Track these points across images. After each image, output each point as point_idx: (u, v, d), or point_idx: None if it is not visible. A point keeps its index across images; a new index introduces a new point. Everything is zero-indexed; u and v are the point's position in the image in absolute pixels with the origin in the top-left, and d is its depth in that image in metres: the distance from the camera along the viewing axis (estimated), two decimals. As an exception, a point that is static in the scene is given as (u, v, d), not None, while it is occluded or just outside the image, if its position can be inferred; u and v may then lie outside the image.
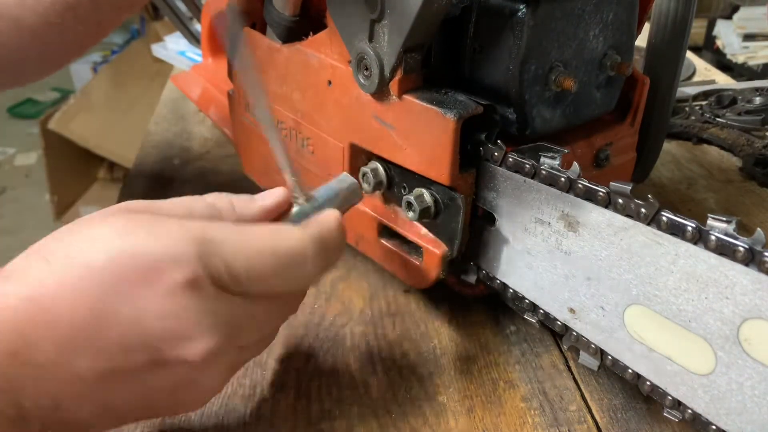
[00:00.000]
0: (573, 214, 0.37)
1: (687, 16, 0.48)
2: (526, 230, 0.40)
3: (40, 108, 3.08)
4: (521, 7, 0.40)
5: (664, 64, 0.50)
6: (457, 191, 0.42)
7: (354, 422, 0.41)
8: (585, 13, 0.42)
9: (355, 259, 0.55)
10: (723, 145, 0.75)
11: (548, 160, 0.38)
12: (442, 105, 0.39)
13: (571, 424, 0.40)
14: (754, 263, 0.29)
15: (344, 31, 0.43)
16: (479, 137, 0.41)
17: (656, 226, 0.33)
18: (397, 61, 0.40)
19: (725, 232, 0.30)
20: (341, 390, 0.43)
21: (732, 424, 0.32)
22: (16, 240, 2.43)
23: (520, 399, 0.42)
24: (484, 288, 0.48)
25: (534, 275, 0.41)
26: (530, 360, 0.45)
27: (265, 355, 0.46)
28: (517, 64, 0.41)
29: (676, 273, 0.32)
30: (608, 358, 0.38)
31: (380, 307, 0.51)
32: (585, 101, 0.46)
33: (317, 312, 0.50)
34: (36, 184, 2.72)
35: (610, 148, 0.48)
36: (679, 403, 0.34)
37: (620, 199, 0.34)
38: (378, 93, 0.42)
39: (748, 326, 0.30)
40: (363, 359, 0.46)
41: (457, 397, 0.42)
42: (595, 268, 0.36)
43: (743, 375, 0.31)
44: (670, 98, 0.52)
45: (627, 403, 0.42)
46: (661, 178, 0.69)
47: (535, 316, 0.42)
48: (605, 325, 0.37)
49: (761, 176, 0.68)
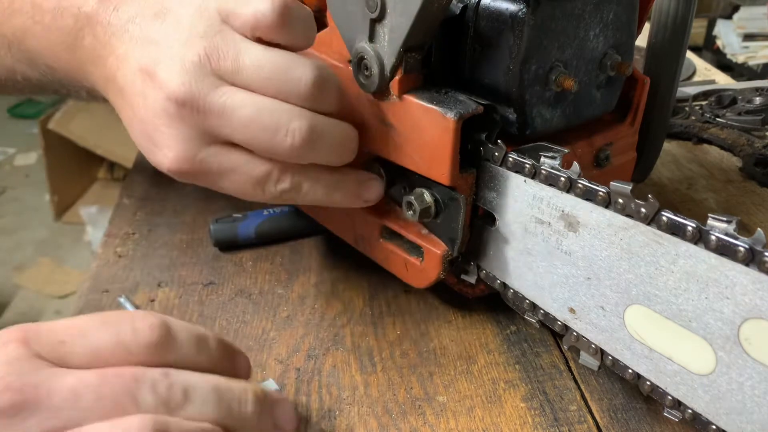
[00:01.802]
0: (573, 214, 0.37)
1: (687, 16, 0.48)
2: (526, 230, 0.40)
3: (40, 108, 3.08)
4: (521, 7, 0.40)
5: (664, 64, 0.50)
6: (457, 191, 0.42)
7: (354, 422, 0.41)
8: (585, 13, 0.42)
9: (355, 259, 0.55)
10: (723, 145, 0.75)
11: (548, 160, 0.38)
12: (443, 105, 0.39)
13: (571, 424, 0.40)
14: (755, 263, 0.29)
15: (344, 31, 0.43)
16: (479, 137, 0.41)
17: (656, 226, 0.33)
18: (398, 60, 0.40)
19: (725, 232, 0.30)
20: (341, 390, 0.43)
21: (732, 424, 0.32)
22: (16, 240, 2.43)
23: (520, 399, 0.42)
24: (484, 288, 0.48)
25: (534, 275, 0.41)
26: (530, 360, 0.45)
27: (265, 355, 0.46)
28: (518, 64, 0.41)
29: (676, 273, 0.32)
30: (608, 358, 0.38)
31: (380, 307, 0.51)
32: (585, 101, 0.46)
33: (317, 312, 0.50)
34: (36, 184, 2.72)
35: (611, 148, 0.48)
36: (679, 402, 0.34)
37: (620, 198, 0.34)
38: (378, 93, 0.42)
39: (748, 326, 0.30)
40: (363, 359, 0.46)
41: (457, 397, 0.42)
42: (595, 268, 0.36)
43: (743, 375, 0.31)
44: (670, 98, 0.52)
45: (627, 403, 0.42)
46: (661, 178, 0.69)
47: (535, 316, 0.42)
48: (605, 325, 0.37)
49: (761, 176, 0.68)
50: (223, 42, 0.38)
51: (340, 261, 0.56)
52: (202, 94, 0.38)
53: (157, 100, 0.38)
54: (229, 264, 0.56)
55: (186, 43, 0.38)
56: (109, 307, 0.51)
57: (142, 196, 0.67)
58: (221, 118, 0.38)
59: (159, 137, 0.39)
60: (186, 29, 0.38)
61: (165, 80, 0.38)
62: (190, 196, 0.66)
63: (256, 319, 0.50)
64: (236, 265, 0.56)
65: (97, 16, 0.41)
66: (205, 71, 0.38)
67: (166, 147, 0.39)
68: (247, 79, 0.38)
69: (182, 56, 0.38)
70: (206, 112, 0.38)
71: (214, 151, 0.39)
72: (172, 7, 0.40)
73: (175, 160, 0.39)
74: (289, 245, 0.58)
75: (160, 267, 0.56)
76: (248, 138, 0.39)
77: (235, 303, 0.51)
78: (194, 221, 0.62)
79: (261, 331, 0.48)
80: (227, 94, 0.38)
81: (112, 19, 0.41)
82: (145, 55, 0.39)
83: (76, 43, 0.43)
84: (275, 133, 0.38)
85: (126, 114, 0.41)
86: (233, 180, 0.40)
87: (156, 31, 0.39)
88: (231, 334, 0.48)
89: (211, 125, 0.38)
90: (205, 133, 0.39)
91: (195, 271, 0.55)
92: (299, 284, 0.54)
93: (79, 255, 2.32)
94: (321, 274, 0.55)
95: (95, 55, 0.42)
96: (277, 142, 0.38)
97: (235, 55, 0.38)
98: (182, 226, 0.62)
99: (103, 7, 0.41)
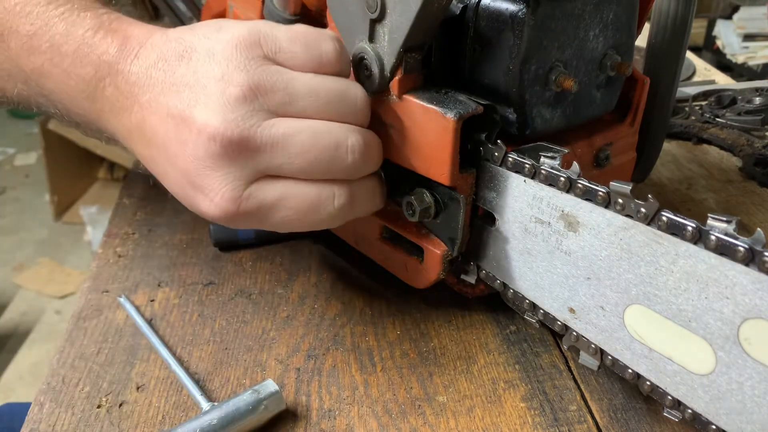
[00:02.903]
0: (573, 214, 0.37)
1: (687, 16, 0.48)
2: (526, 230, 0.40)
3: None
4: (521, 7, 0.40)
5: (664, 64, 0.51)
6: (457, 191, 0.42)
7: (354, 422, 0.41)
8: (585, 13, 0.42)
9: (355, 259, 0.55)
10: (723, 145, 0.75)
11: (548, 160, 0.38)
12: (443, 105, 0.39)
13: (571, 424, 0.40)
14: (754, 263, 0.29)
15: (344, 31, 0.43)
16: (479, 137, 0.41)
17: (656, 226, 0.33)
18: (398, 61, 0.40)
19: (725, 232, 0.30)
20: (341, 390, 0.43)
21: (732, 424, 0.32)
22: (16, 240, 2.43)
23: (520, 399, 0.42)
24: (484, 288, 0.48)
25: (534, 275, 0.41)
26: (530, 360, 0.45)
27: (265, 355, 0.46)
28: (518, 64, 0.41)
29: (676, 273, 0.32)
30: (608, 358, 0.38)
31: (380, 307, 0.51)
32: (585, 101, 0.46)
33: (317, 312, 0.50)
34: (36, 184, 2.72)
35: (610, 148, 0.48)
36: (679, 402, 0.34)
37: (620, 198, 0.34)
38: (378, 93, 0.42)
39: (748, 326, 0.30)
40: (363, 359, 0.46)
41: (457, 397, 0.42)
42: (595, 268, 0.36)
43: (743, 375, 0.31)
44: (670, 98, 0.52)
45: (627, 403, 0.42)
46: (661, 178, 0.69)
47: (535, 316, 0.42)
48: (605, 325, 0.37)
49: (761, 176, 0.68)
50: (268, 74, 0.37)
51: (340, 261, 0.56)
52: (252, 129, 0.36)
53: (199, 144, 0.36)
54: (229, 264, 0.56)
55: (223, 79, 0.37)
56: (109, 307, 0.51)
57: (142, 196, 0.67)
58: (274, 150, 0.37)
59: (204, 182, 0.37)
60: (220, 65, 0.37)
61: (205, 121, 0.36)
62: (190, 196, 0.66)
63: (256, 319, 0.50)
64: (236, 265, 0.56)
65: (118, 64, 0.39)
66: (252, 106, 0.37)
67: (213, 191, 0.37)
68: (302, 107, 0.38)
69: (221, 92, 0.36)
70: (258, 147, 0.37)
71: (261, 186, 0.38)
72: (196, 46, 0.38)
73: (224, 203, 0.37)
74: (289, 245, 0.58)
75: (160, 267, 0.56)
76: (306, 163, 0.38)
77: (235, 303, 0.51)
78: (194, 221, 0.62)
79: (261, 331, 0.48)
80: (280, 125, 0.37)
81: (133, 68, 0.39)
82: (175, 100, 0.37)
83: (96, 93, 0.41)
84: (336, 151, 0.38)
85: (160, 165, 0.40)
86: (287, 208, 0.39)
87: (183, 73, 0.38)
88: (231, 334, 0.48)
89: (263, 159, 0.37)
90: (255, 169, 0.37)
91: (195, 271, 0.55)
92: (299, 284, 0.54)
93: (79, 255, 2.32)
94: (321, 274, 0.55)
95: (117, 107, 0.40)
96: (338, 161, 0.38)
97: (284, 86, 0.38)
98: (182, 226, 0.62)
99: (124, 55, 0.39)
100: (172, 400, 0.43)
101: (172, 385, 0.44)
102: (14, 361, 1.85)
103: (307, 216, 0.39)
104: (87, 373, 0.45)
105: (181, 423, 0.39)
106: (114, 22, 0.41)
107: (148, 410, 0.42)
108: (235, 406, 0.39)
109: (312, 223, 0.40)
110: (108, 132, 0.43)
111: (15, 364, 1.84)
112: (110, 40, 0.40)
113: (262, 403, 0.39)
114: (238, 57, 0.37)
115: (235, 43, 0.37)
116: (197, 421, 0.38)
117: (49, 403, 0.42)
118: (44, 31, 0.41)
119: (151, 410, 0.42)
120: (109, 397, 0.43)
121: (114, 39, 0.40)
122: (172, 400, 0.43)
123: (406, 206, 0.44)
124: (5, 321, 2.02)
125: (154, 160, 0.40)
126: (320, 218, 0.40)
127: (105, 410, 0.42)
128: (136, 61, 0.39)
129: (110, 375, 0.45)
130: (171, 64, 0.38)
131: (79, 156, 2.45)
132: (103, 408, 0.42)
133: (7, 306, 2.09)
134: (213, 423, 0.38)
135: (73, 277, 2.19)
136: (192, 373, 0.44)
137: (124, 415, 0.41)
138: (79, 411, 0.42)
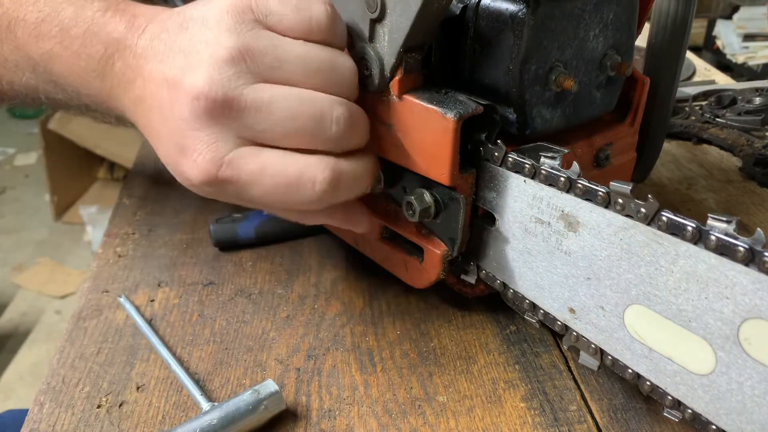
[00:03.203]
0: (573, 214, 0.37)
1: (687, 16, 0.48)
2: (526, 230, 0.40)
3: (40, 108, 3.08)
4: (521, 7, 0.40)
5: (664, 64, 0.51)
6: (457, 191, 0.42)
7: (354, 422, 0.41)
8: (585, 13, 0.42)
9: (355, 259, 0.55)
10: (723, 145, 0.75)
11: (548, 160, 0.38)
12: (442, 105, 0.39)
13: (571, 424, 0.40)
14: (754, 263, 0.29)
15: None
16: (479, 137, 0.41)
17: (656, 226, 0.33)
18: (398, 61, 0.40)
19: (725, 232, 0.30)
20: (341, 390, 0.43)
21: (732, 424, 0.32)
22: (16, 240, 2.43)
23: (520, 399, 0.42)
24: (484, 288, 0.48)
25: (534, 275, 0.41)
26: (530, 360, 0.45)
27: (265, 355, 0.46)
28: (518, 64, 0.41)
29: (676, 273, 0.32)
30: (608, 358, 0.38)
31: (380, 307, 0.51)
32: (585, 101, 0.46)
33: (317, 312, 0.50)
34: (36, 184, 2.72)
35: (610, 148, 0.48)
36: (679, 402, 0.34)
37: (620, 199, 0.34)
38: (378, 93, 0.42)
39: (748, 326, 0.30)
40: (363, 359, 0.46)
41: (457, 397, 0.42)
42: (595, 268, 0.36)
43: (743, 375, 0.31)
44: (670, 98, 0.52)
45: (627, 403, 0.42)
46: (661, 178, 0.69)
47: (535, 316, 0.42)
48: (605, 325, 0.37)
49: (761, 176, 0.68)
50: (258, 39, 0.38)
51: (340, 261, 0.56)
52: (237, 91, 0.37)
53: (185, 104, 0.37)
54: (229, 264, 0.56)
55: (213, 42, 0.37)
56: (109, 307, 0.51)
57: (142, 196, 0.67)
58: (258, 114, 0.37)
59: (188, 142, 0.37)
60: (212, 30, 0.38)
61: (192, 82, 0.36)
62: (190, 196, 0.66)
63: (256, 319, 0.50)
64: (236, 265, 0.56)
65: (126, 40, 0.41)
66: (239, 68, 0.37)
67: (196, 151, 0.37)
68: (290, 73, 0.38)
69: (210, 55, 0.37)
70: (242, 108, 0.37)
71: (244, 152, 0.38)
72: (195, 14, 0.39)
73: (205, 164, 0.37)
74: (289, 245, 0.58)
75: (160, 267, 0.56)
76: (290, 130, 0.38)
77: (235, 303, 0.51)
78: (194, 221, 0.62)
79: (261, 331, 0.48)
80: (265, 89, 0.37)
81: (140, 42, 0.40)
82: (170, 65, 0.38)
83: (105, 70, 0.42)
84: (320, 121, 0.38)
85: (154, 130, 0.40)
86: (265, 184, 0.38)
87: (181, 41, 0.38)
88: (231, 334, 0.48)
89: (246, 123, 0.37)
90: (237, 133, 0.37)
91: (195, 271, 0.55)
92: (299, 284, 0.54)
93: (79, 255, 2.33)
94: (321, 274, 0.55)
95: (125, 81, 0.41)
96: (322, 131, 0.38)
97: (274, 51, 0.38)
98: (182, 226, 0.62)
99: (132, 31, 0.41)
100: (172, 400, 0.43)
101: (172, 385, 0.44)
102: (14, 361, 1.85)
103: (290, 191, 0.39)
104: (87, 373, 0.45)
105: (181, 423, 0.39)
106: (122, 3, 0.43)
107: (148, 410, 0.42)
108: (235, 406, 0.39)
109: (295, 201, 0.39)
110: (117, 110, 0.44)
111: (15, 364, 1.84)
112: (119, 19, 0.41)
113: (262, 403, 0.39)
114: (228, 21, 0.38)
115: (227, 9, 0.38)
116: (197, 421, 0.38)
117: (49, 403, 0.42)
118: (53, 16, 0.43)
119: (151, 410, 0.42)
120: (109, 397, 0.43)
121: (122, 18, 0.41)
122: (172, 400, 0.43)
123: (406, 206, 0.44)
124: (5, 321, 2.02)
125: (151, 127, 0.40)
126: (302, 196, 0.39)
127: (105, 410, 0.42)
128: (143, 36, 0.40)
129: (110, 375, 0.45)
130: (171, 35, 0.39)
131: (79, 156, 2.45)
132: (103, 408, 0.42)
133: (7, 306, 2.09)
134: (213, 423, 0.38)
135: (73, 277, 2.19)
136: (192, 373, 0.44)
137: (124, 415, 0.41)
138: (79, 411, 0.42)
